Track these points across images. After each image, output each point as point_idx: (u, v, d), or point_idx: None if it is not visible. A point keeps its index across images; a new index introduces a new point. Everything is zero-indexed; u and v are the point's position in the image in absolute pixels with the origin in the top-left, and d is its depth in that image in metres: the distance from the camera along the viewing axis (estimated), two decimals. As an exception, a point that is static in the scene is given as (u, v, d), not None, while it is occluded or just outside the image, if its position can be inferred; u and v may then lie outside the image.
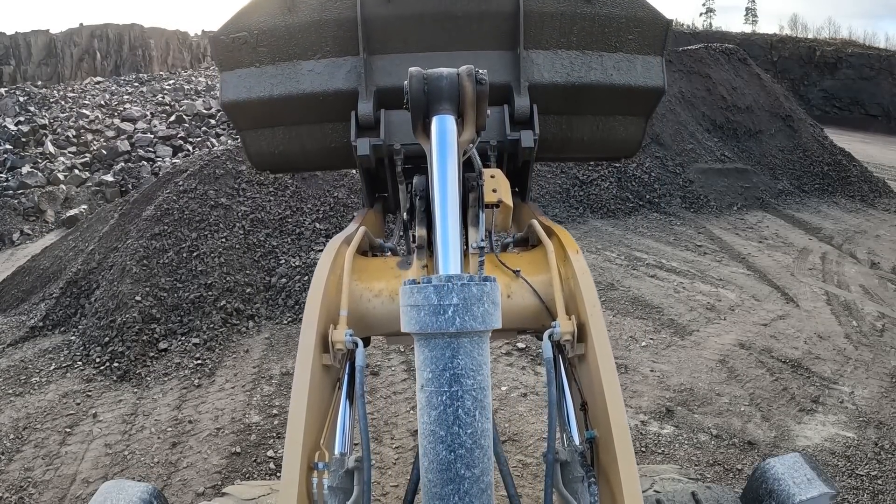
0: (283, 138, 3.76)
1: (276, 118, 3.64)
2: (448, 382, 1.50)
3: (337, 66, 3.44)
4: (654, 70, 3.59)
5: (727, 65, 19.73)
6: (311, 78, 3.45)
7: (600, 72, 3.51)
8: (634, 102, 3.73)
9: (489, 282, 1.59)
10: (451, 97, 2.03)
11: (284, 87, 3.45)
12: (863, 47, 46.96)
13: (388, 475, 5.45)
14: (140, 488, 2.12)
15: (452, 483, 1.47)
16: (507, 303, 2.45)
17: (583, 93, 3.55)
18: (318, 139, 3.71)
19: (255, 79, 3.46)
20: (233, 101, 3.51)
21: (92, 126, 22.95)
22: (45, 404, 6.76)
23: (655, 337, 8.33)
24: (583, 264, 2.38)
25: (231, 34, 3.42)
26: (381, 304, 2.49)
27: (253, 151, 3.86)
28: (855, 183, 17.70)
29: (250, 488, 2.72)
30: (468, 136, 2.12)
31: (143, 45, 48.29)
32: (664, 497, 2.35)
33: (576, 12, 3.45)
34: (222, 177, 9.99)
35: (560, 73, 3.49)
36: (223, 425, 6.32)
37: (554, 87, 3.49)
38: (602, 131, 3.85)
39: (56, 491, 5.44)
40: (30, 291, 9.88)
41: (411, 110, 2.06)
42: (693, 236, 13.11)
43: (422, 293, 1.54)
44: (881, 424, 6.44)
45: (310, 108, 3.54)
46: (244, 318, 8.42)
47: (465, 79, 2.03)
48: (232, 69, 3.48)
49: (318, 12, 3.39)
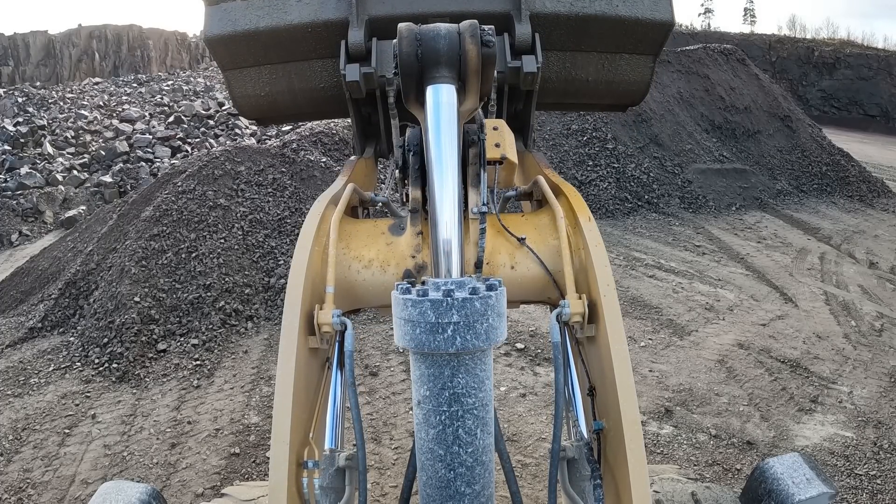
0: (270, 78, 3.50)
1: (263, 55, 3.38)
2: (447, 402, 1.38)
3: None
4: (661, 2, 3.36)
5: (726, 65, 19.74)
6: (299, 8, 3.22)
7: (605, 2, 3.28)
8: (641, 38, 3.48)
9: (494, 290, 1.42)
10: (450, 62, 1.70)
11: (271, 19, 3.21)
12: (861, 47, 47.03)
13: (388, 475, 5.45)
14: (139, 489, 2.11)
15: (452, 500, 1.41)
16: (511, 274, 2.24)
17: (587, 25, 3.30)
18: (307, 78, 3.45)
19: (240, 11, 3.23)
20: (217, 35, 3.27)
21: (90, 127, 22.93)
22: (43, 405, 6.75)
23: (654, 337, 8.34)
24: (596, 234, 2.13)
25: None
26: (370, 276, 2.26)
27: (238, 94, 3.59)
28: (853, 183, 17.72)
29: (249, 489, 2.72)
30: (471, 104, 1.83)
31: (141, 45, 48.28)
32: (664, 497, 2.35)
33: None
34: (221, 177, 9.99)
35: (563, 2, 3.26)
36: (222, 426, 6.32)
37: (556, 17, 3.24)
38: (608, 71, 3.60)
39: (55, 492, 5.43)
40: (28, 292, 9.87)
41: (401, 77, 1.74)
42: (692, 236, 13.12)
43: (417, 308, 1.36)
44: (880, 424, 6.44)
45: (298, 42, 3.28)
46: (243, 319, 8.42)
47: (467, 40, 1.67)
48: (217, 3, 3.27)
49: None
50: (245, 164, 10.31)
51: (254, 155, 10.64)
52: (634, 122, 16.15)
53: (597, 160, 15.03)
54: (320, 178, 10.78)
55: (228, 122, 23.58)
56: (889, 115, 41.47)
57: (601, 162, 15.00)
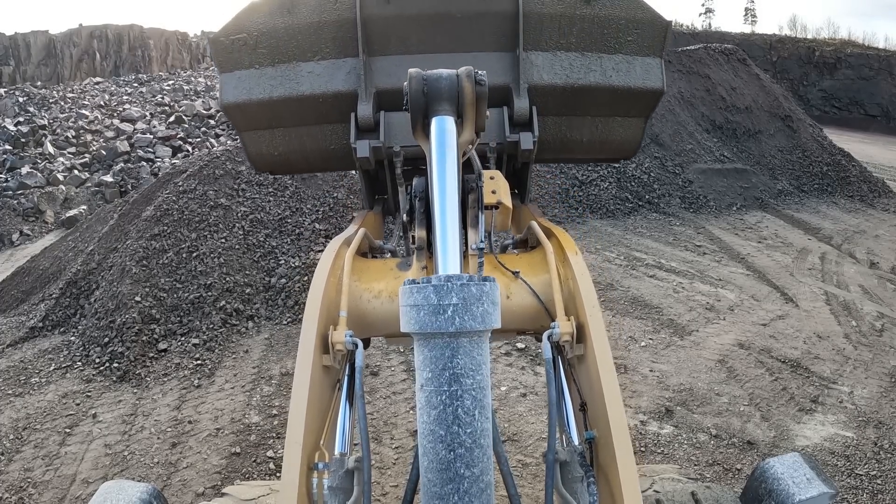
0: (283, 140, 3.75)
1: (276, 120, 3.63)
2: (448, 382, 1.50)
3: (336, 67, 3.44)
4: (653, 72, 3.58)
5: (726, 65, 19.74)
6: (310, 79, 3.44)
7: (599, 73, 3.51)
8: (633, 104, 3.72)
9: (489, 282, 1.59)
10: (450, 98, 2.02)
11: (284, 89, 3.45)
12: (862, 47, 47.01)
13: (388, 475, 5.45)
14: (140, 488, 2.12)
15: (452, 482, 1.46)
16: (507, 303, 2.45)
17: (582, 94, 3.54)
18: (318, 140, 3.71)
19: (254, 80, 3.45)
20: (232, 102, 3.50)
21: (91, 126, 22.95)
22: (44, 405, 6.75)
23: (655, 337, 8.34)
24: (582, 265, 2.38)
25: (230, 36, 3.42)
26: (380, 305, 2.50)
27: (253, 152, 3.85)
28: (854, 183, 17.72)
29: (250, 488, 2.72)
30: (468, 136, 2.11)
31: (142, 45, 48.29)
32: (664, 497, 2.35)
33: (575, 14, 3.45)
34: (222, 177, 9.99)
35: (559, 74, 3.49)
36: (223, 426, 6.32)
37: (553, 88, 3.49)
38: (601, 132, 3.84)
39: (56, 491, 5.44)
40: (29, 292, 9.88)
41: (410, 111, 2.05)
42: (692, 236, 13.12)
43: (421, 293, 1.53)
44: (880, 424, 6.44)
45: (309, 110, 3.53)
46: (244, 319, 8.42)
47: (464, 79, 2.02)
48: (231, 70, 3.48)
49: (317, 13, 3.38)
50: (246, 164, 10.32)
51: (254, 155, 10.65)
52: (635, 122, 16.14)
53: (597, 160, 15.02)
54: (321, 178, 10.78)
55: (229, 122, 23.60)
56: (890, 114, 41.45)
57: (602, 162, 14.99)
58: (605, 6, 3.47)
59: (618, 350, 7.89)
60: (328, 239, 9.81)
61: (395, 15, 3.36)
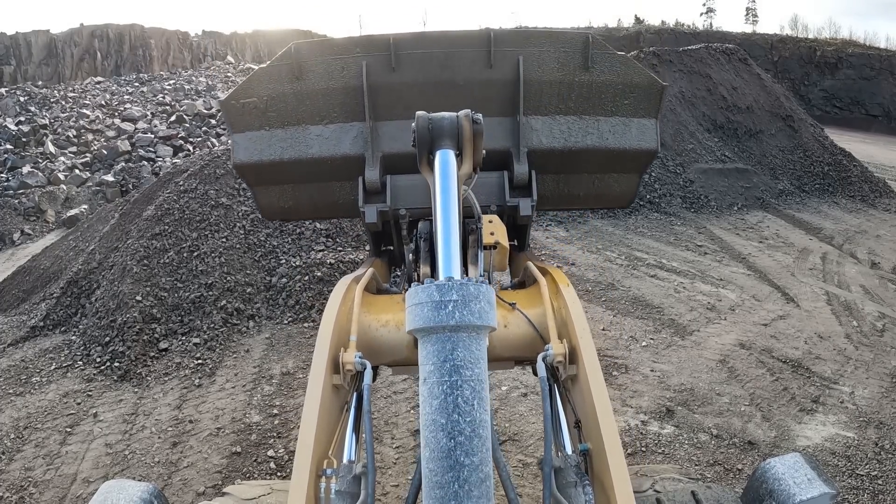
0: (293, 194, 3.95)
1: (286, 177, 3.80)
2: (448, 373, 1.59)
3: (344, 131, 3.61)
4: (648, 133, 3.75)
5: (728, 65, 19.73)
6: (319, 143, 3.62)
7: (596, 136, 3.67)
8: (628, 162, 3.90)
9: (485, 285, 1.72)
10: (451, 135, 2.26)
11: (294, 151, 3.61)
12: (863, 47, 46.98)
13: (389, 475, 5.45)
14: (141, 488, 2.12)
15: (452, 470, 1.51)
16: (505, 332, 2.62)
17: (579, 156, 3.71)
18: (327, 195, 3.91)
19: (265, 142, 3.62)
20: (244, 162, 3.66)
21: (92, 126, 22.95)
22: (45, 404, 6.76)
23: (656, 337, 8.33)
24: (573, 295, 2.57)
25: (241, 99, 3.58)
26: (387, 333, 2.64)
27: (264, 204, 4.05)
28: (855, 183, 17.70)
29: (251, 488, 2.72)
30: (467, 169, 2.32)
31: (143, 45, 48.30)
32: (664, 496, 2.35)
33: (574, 80, 3.62)
34: (223, 177, 9.99)
35: (558, 138, 3.66)
36: (224, 425, 6.33)
37: (552, 151, 3.65)
38: (598, 187, 4.04)
39: (56, 490, 5.44)
40: (30, 291, 9.89)
41: (417, 146, 2.29)
42: (693, 236, 13.11)
43: (425, 292, 1.67)
44: (881, 424, 6.44)
45: (318, 170, 3.70)
46: (245, 318, 8.43)
47: (463, 119, 2.28)
48: (243, 131, 3.63)
49: (325, 80, 3.54)
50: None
51: (255, 154, 10.65)
52: (636, 122, 16.13)
53: (598, 160, 15.01)
54: (322, 178, 10.78)
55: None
56: (891, 114, 41.42)
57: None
58: (604, 72, 3.61)
59: (619, 350, 7.89)
60: (329, 238, 9.83)
61: (401, 83, 3.51)
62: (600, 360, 2.24)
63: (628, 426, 6.29)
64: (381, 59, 3.52)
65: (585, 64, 3.58)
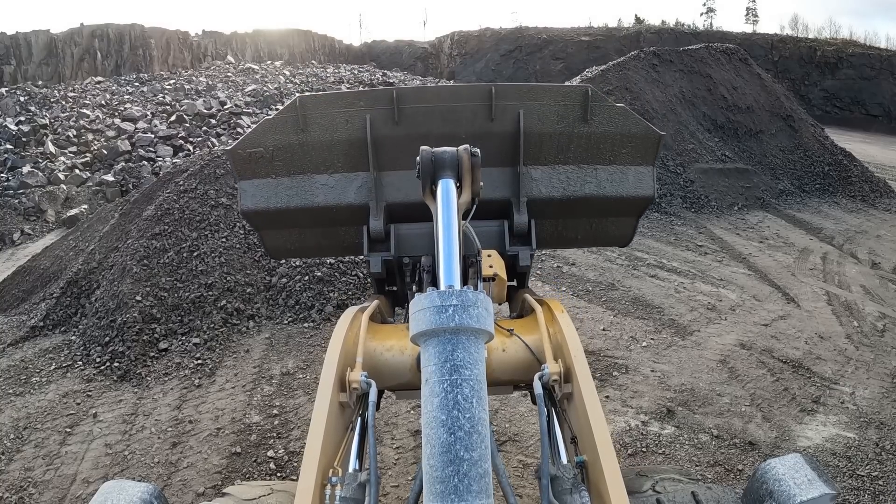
0: (299, 237, 4.08)
1: (292, 223, 3.93)
2: (449, 372, 1.68)
3: (349, 181, 3.73)
4: (645, 180, 3.86)
5: (728, 65, 19.72)
6: (324, 191, 3.73)
7: (594, 185, 3.79)
8: (625, 207, 4.00)
9: (483, 294, 1.84)
10: (451, 166, 2.46)
11: (299, 199, 3.73)
12: (863, 47, 46.96)
13: (389, 475, 5.45)
14: (140, 488, 2.11)
15: (452, 464, 1.55)
16: (503, 356, 2.75)
17: (578, 203, 3.83)
18: (332, 238, 4.05)
19: (271, 189, 3.74)
20: (251, 209, 3.80)
21: (92, 126, 22.95)
22: (45, 404, 6.76)
23: (656, 337, 8.33)
24: (567, 320, 2.73)
25: (247, 149, 3.68)
26: (392, 358, 2.76)
27: (270, 246, 4.18)
28: (856, 183, 17.69)
29: (251, 488, 2.72)
30: (466, 197, 2.49)
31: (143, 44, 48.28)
32: (665, 497, 2.34)
33: (573, 132, 3.71)
34: (223, 176, 9.99)
35: (557, 188, 3.78)
36: (223, 425, 6.32)
37: (551, 200, 3.78)
38: (595, 230, 4.18)
39: (56, 491, 5.44)
40: (30, 291, 9.88)
41: (421, 176, 2.47)
42: (694, 236, 13.11)
43: (427, 298, 1.78)
44: (882, 425, 6.43)
45: (324, 217, 3.83)
46: (244, 318, 8.42)
47: (462, 153, 2.48)
48: (249, 179, 3.76)
49: (329, 133, 3.64)
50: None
51: (255, 154, 10.64)
52: (636, 122, 16.13)
53: (598, 160, 15.00)
54: (322, 178, 10.77)
55: (230, 122, 23.60)
56: (891, 114, 41.40)
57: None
58: (602, 123, 3.70)
59: (619, 350, 7.89)
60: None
61: (404, 135, 3.58)
62: (601, 361, 2.30)
63: (629, 426, 6.29)
64: (385, 113, 3.61)
65: (585, 116, 3.67)
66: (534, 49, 50.68)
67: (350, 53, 60.47)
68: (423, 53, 58.72)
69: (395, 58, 58.28)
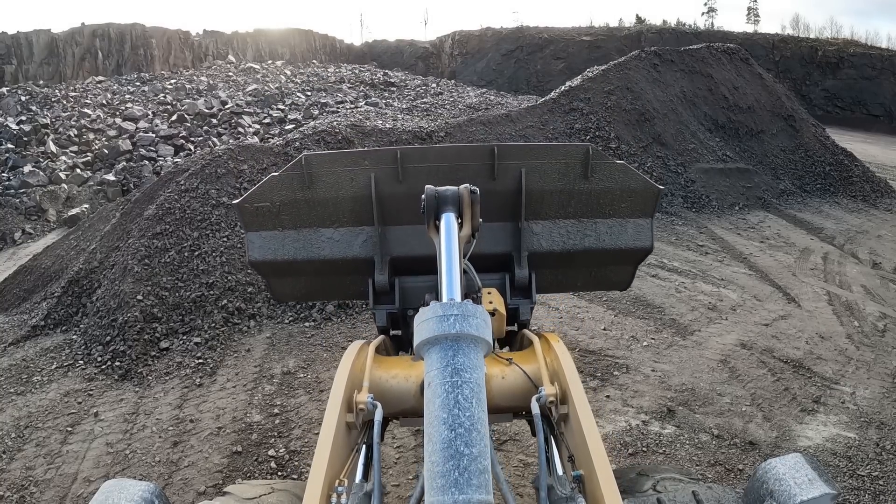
0: (305, 284, 4.20)
1: (299, 272, 4.03)
2: (450, 374, 1.77)
3: (354, 235, 3.85)
4: (643, 232, 3.96)
5: (729, 64, 19.70)
6: (330, 245, 3.86)
7: (594, 238, 3.91)
8: (624, 258, 4.10)
9: (482, 307, 1.97)
10: (453, 202, 2.66)
11: (306, 252, 3.86)
12: (865, 47, 46.92)
13: (390, 475, 5.45)
14: (141, 487, 2.12)
15: (453, 459, 1.61)
16: (502, 383, 2.86)
17: (577, 255, 3.95)
18: (338, 286, 4.18)
19: (278, 241, 3.85)
20: (259, 260, 3.90)
21: (94, 125, 22.95)
22: (46, 403, 6.77)
23: (657, 337, 8.33)
24: (563, 348, 2.84)
25: (255, 203, 3.78)
26: (397, 384, 2.85)
27: (278, 292, 4.30)
28: (857, 183, 17.68)
29: (251, 487, 2.72)
30: (466, 231, 2.68)
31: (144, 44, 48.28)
32: (665, 496, 2.34)
33: (574, 188, 3.82)
34: (224, 176, 10.00)
35: (557, 241, 3.89)
36: (224, 424, 6.33)
37: (551, 253, 3.89)
38: (594, 278, 4.31)
39: (57, 490, 5.45)
40: (31, 290, 9.89)
41: (426, 212, 2.67)
42: (695, 236, 13.11)
43: (431, 310, 1.92)
44: (882, 425, 6.43)
45: (330, 268, 3.94)
46: (246, 318, 8.43)
47: (463, 190, 2.68)
48: (256, 231, 3.87)
49: (334, 189, 3.75)
50: (248, 163, 10.32)
51: (256, 153, 10.65)
52: (638, 122, 16.14)
53: (599, 159, 14.98)
54: (323, 177, 10.77)
55: (231, 121, 23.60)
56: (893, 114, 41.37)
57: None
58: (602, 180, 3.81)
59: (620, 350, 7.89)
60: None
61: (407, 192, 3.65)
62: (601, 360, 2.35)
63: (629, 426, 6.29)
64: (389, 171, 3.71)
65: (585, 174, 3.77)
66: (535, 49, 50.65)
67: (351, 53, 60.45)
68: (425, 53, 58.70)
69: (396, 57, 58.26)
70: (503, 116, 15.53)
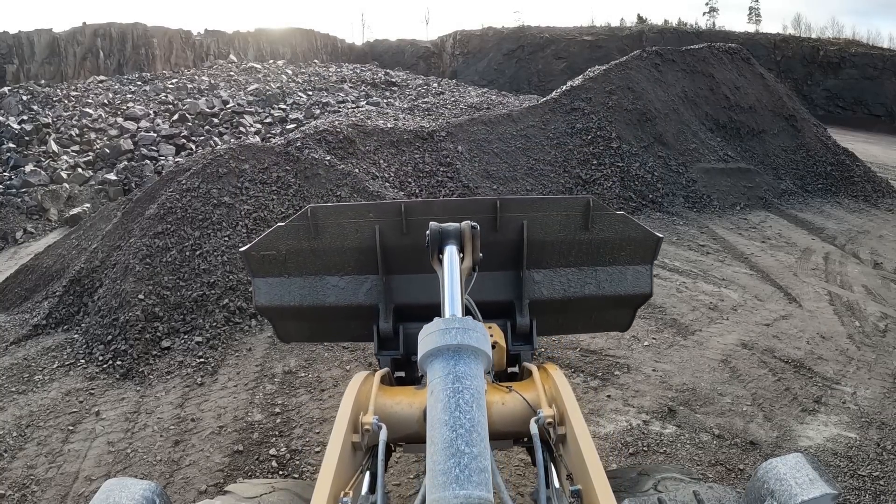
0: (310, 327, 4.34)
1: (305, 318, 4.15)
2: (451, 381, 1.86)
3: (358, 282, 3.95)
4: (642, 278, 4.02)
5: (730, 64, 19.69)
6: (335, 292, 3.95)
7: (594, 286, 4.00)
8: (623, 303, 4.19)
9: (481, 324, 2.07)
10: (455, 236, 2.82)
11: (311, 299, 3.95)
12: (866, 47, 46.87)
13: (391, 473, 5.46)
14: (142, 486, 2.12)
15: (454, 457, 1.66)
16: (502, 409, 2.92)
17: (578, 302, 4.04)
18: (342, 329, 4.30)
19: (284, 288, 3.95)
20: (266, 305, 3.99)
21: (95, 125, 22.97)
22: (48, 402, 6.78)
23: (658, 336, 8.33)
24: (561, 374, 2.95)
25: (261, 252, 3.88)
26: (401, 410, 2.92)
27: (283, 333, 4.39)
28: (858, 183, 17.66)
29: (252, 486, 2.73)
30: (468, 264, 2.82)
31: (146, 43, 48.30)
32: (666, 496, 2.35)
33: (574, 239, 3.90)
34: (225, 175, 10.00)
35: (557, 290, 3.98)
36: (225, 423, 6.34)
37: (552, 301, 3.98)
38: (594, 321, 4.44)
39: (59, 489, 5.46)
40: (33, 290, 9.90)
41: (430, 246, 2.83)
42: (696, 236, 13.10)
43: (434, 325, 2.03)
44: (883, 425, 6.43)
45: (335, 314, 4.04)
46: (247, 317, 8.44)
47: (464, 225, 2.84)
48: (263, 277, 3.97)
49: (339, 240, 3.85)
50: (249, 162, 10.33)
51: (258, 153, 10.65)
52: (639, 122, 16.13)
53: (601, 159, 15.01)
54: (324, 177, 10.79)
55: (233, 121, 23.61)
56: (894, 114, 41.32)
57: (605, 161, 14.98)
58: (603, 230, 3.90)
59: (621, 350, 7.89)
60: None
61: (412, 244, 3.71)
62: (602, 360, 2.38)
63: (630, 426, 6.29)
64: (393, 224, 3.79)
65: (586, 225, 3.86)
66: (536, 48, 50.63)
67: (352, 52, 60.47)
68: (426, 52, 58.70)
69: (397, 57, 58.26)
70: (504, 116, 15.53)
